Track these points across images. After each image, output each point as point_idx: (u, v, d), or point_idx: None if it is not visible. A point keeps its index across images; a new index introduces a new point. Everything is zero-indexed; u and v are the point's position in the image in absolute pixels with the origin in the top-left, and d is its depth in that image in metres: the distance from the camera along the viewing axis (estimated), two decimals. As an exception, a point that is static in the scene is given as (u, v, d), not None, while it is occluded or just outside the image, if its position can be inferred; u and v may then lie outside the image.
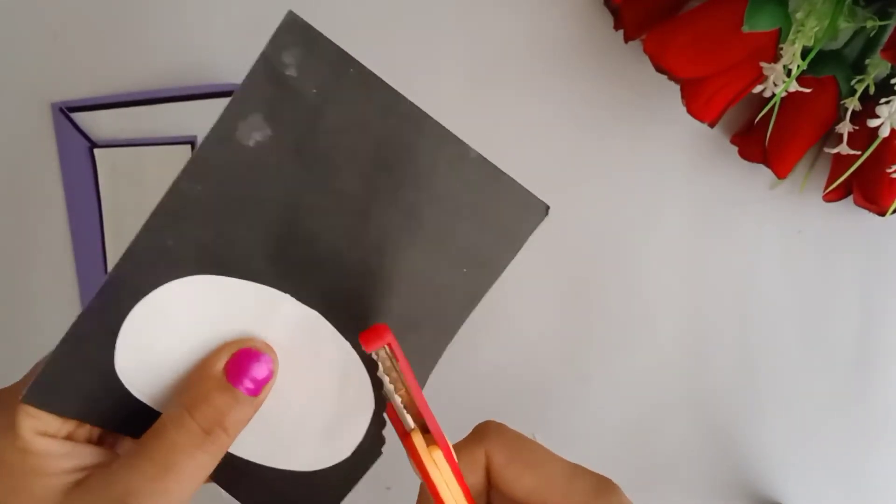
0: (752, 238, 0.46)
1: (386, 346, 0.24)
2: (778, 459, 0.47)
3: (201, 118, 0.48)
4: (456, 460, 0.26)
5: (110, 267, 0.51)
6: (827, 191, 0.42)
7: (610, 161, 0.46)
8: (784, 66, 0.37)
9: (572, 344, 0.48)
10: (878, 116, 0.35)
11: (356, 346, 0.26)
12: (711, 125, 0.41)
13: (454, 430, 0.28)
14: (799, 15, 0.37)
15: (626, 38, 0.43)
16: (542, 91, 0.46)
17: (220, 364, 0.24)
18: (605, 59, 0.45)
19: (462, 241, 0.26)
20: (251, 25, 0.48)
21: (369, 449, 0.28)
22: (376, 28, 0.47)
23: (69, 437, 0.25)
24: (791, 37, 0.37)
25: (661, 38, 0.39)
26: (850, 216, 0.44)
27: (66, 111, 0.50)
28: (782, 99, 0.38)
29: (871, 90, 0.39)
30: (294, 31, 0.23)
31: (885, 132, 0.36)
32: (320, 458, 0.28)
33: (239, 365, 0.24)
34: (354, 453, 0.28)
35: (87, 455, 0.25)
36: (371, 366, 0.26)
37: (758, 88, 0.39)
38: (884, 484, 0.46)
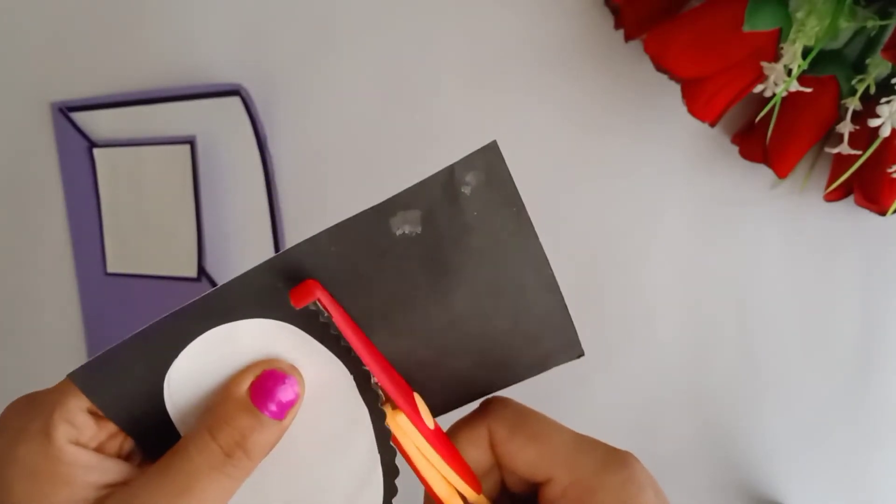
0: (752, 238, 0.46)
1: (317, 302, 0.23)
2: (778, 459, 0.47)
3: (201, 118, 0.48)
4: (430, 425, 0.25)
5: (109, 267, 0.51)
6: (827, 190, 0.42)
7: (610, 161, 0.46)
8: (784, 66, 0.37)
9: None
10: (878, 116, 0.35)
11: (373, 412, 0.26)
12: (712, 125, 0.41)
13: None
14: (799, 14, 0.37)
15: (627, 38, 0.43)
16: (542, 90, 0.46)
17: (245, 385, 0.24)
18: (605, 59, 0.45)
19: (501, 350, 0.27)
20: (251, 26, 0.48)
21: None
22: (376, 28, 0.47)
23: (99, 449, 0.24)
24: (792, 36, 0.37)
25: (662, 38, 0.39)
26: (851, 216, 0.44)
27: (65, 111, 0.50)
28: (783, 99, 0.38)
29: (872, 90, 0.39)
30: (488, 159, 0.24)
31: (885, 132, 0.36)
32: None
33: (263, 386, 0.24)
34: None
35: (113, 471, 0.24)
36: (379, 423, 0.26)
37: (758, 88, 0.39)
38: (884, 484, 0.46)
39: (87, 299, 0.52)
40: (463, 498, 0.26)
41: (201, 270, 0.49)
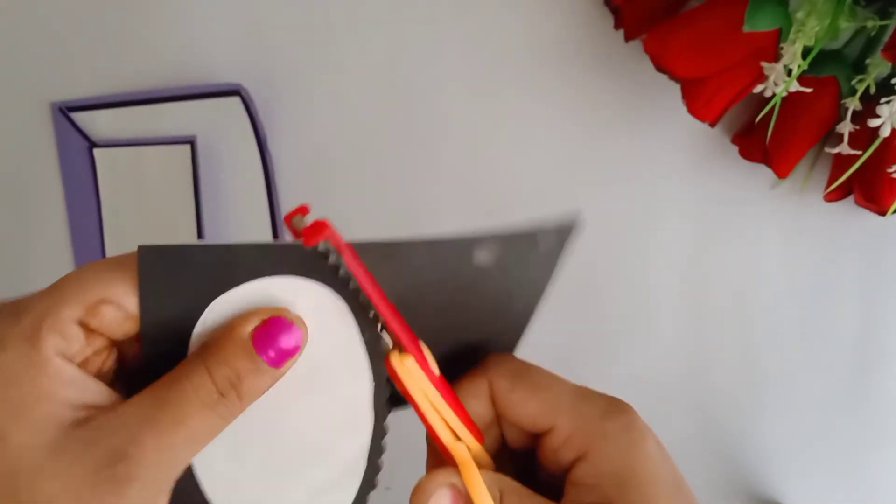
0: (752, 238, 0.46)
1: (328, 242, 0.23)
2: (778, 459, 0.47)
3: (201, 118, 0.48)
4: (436, 372, 0.25)
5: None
6: (828, 191, 0.42)
7: (610, 161, 0.46)
8: (784, 66, 0.37)
9: (571, 344, 0.48)
10: (878, 116, 0.35)
11: (377, 378, 0.26)
12: (712, 125, 0.41)
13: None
14: (799, 14, 0.37)
15: (627, 38, 0.43)
16: (542, 91, 0.46)
17: (249, 328, 0.23)
18: (605, 59, 0.45)
19: (468, 337, 0.28)
20: (251, 26, 0.48)
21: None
22: (376, 28, 0.47)
23: (82, 365, 0.23)
24: (791, 36, 0.37)
25: (662, 38, 0.39)
26: (851, 216, 0.44)
27: (65, 111, 0.50)
28: (783, 99, 0.38)
29: (872, 90, 0.39)
30: (571, 228, 0.27)
31: (885, 132, 0.36)
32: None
33: (267, 332, 0.23)
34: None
35: (93, 391, 0.23)
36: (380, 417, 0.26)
37: (758, 88, 0.39)
38: (884, 484, 0.46)
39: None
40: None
41: (201, 270, 0.49)
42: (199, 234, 0.49)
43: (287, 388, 0.25)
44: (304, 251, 0.24)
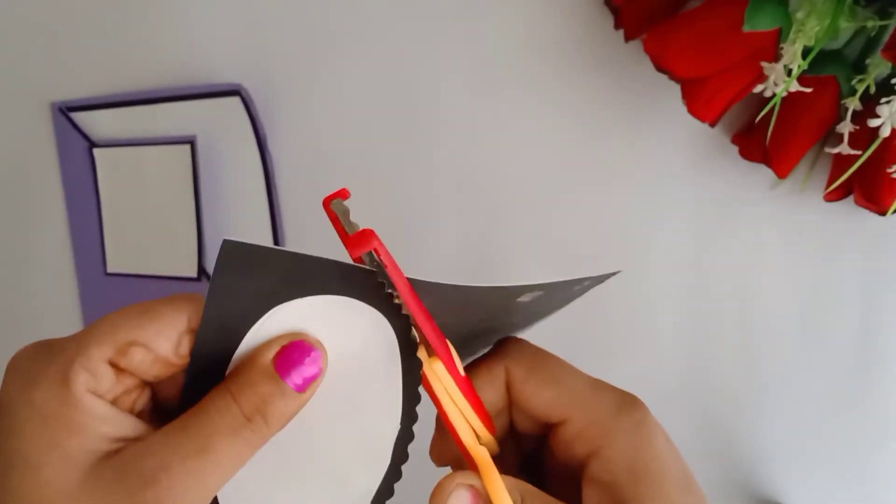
0: (752, 238, 0.46)
1: (373, 252, 0.23)
2: (778, 459, 0.47)
3: (201, 118, 0.48)
4: (462, 373, 0.26)
5: (109, 267, 0.51)
6: (827, 191, 0.42)
7: (610, 161, 0.46)
8: (784, 66, 0.37)
9: (571, 343, 0.48)
10: (878, 116, 0.35)
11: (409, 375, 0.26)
12: (712, 125, 0.41)
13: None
14: (799, 14, 0.37)
15: (627, 38, 0.43)
16: (542, 91, 0.46)
17: (270, 354, 0.24)
18: (605, 59, 0.45)
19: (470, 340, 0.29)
20: (251, 26, 0.48)
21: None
22: (376, 29, 0.47)
23: (114, 402, 0.24)
24: (792, 36, 0.37)
25: (662, 38, 0.39)
26: (851, 216, 0.44)
27: (65, 111, 0.50)
28: (783, 99, 0.38)
29: (872, 90, 0.39)
30: (606, 279, 0.29)
31: (885, 132, 0.36)
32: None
33: (289, 357, 0.24)
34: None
35: (127, 425, 0.24)
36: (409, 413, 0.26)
37: (758, 88, 0.39)
38: (885, 484, 0.46)
39: (87, 299, 0.52)
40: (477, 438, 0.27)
41: (201, 270, 0.49)
42: (199, 234, 0.49)
43: (315, 413, 0.25)
44: (367, 276, 0.24)
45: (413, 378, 0.26)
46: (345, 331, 0.25)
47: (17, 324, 0.53)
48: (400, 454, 0.26)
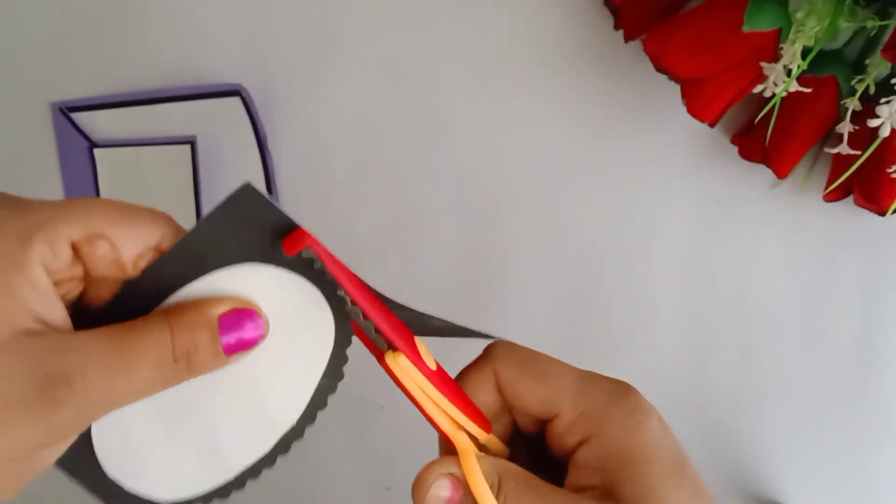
0: (752, 238, 0.46)
1: (309, 250, 0.23)
2: (778, 459, 0.47)
3: (201, 118, 0.48)
4: (433, 366, 0.26)
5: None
6: (827, 191, 0.42)
7: (609, 161, 0.46)
8: (784, 66, 0.37)
9: (572, 344, 0.48)
10: (878, 116, 0.35)
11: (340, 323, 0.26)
12: (712, 125, 0.41)
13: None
14: (799, 15, 0.37)
15: (627, 38, 0.43)
16: (542, 91, 0.46)
17: (220, 310, 0.24)
18: (605, 59, 0.45)
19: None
20: (251, 26, 0.48)
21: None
22: (376, 29, 0.47)
23: (56, 285, 0.23)
24: (791, 36, 0.37)
25: (662, 38, 0.39)
26: (851, 216, 0.44)
27: (66, 111, 0.50)
28: (782, 99, 0.38)
29: (872, 90, 0.39)
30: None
31: (885, 132, 0.36)
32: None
33: (234, 320, 0.24)
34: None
35: (57, 313, 0.23)
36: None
37: (758, 88, 0.39)
38: (884, 484, 0.46)
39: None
40: (474, 438, 0.27)
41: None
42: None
43: (225, 379, 0.25)
44: (320, 276, 0.24)
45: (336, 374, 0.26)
46: (297, 319, 0.25)
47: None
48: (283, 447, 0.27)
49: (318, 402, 0.27)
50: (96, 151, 0.50)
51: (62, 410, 0.22)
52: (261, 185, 0.49)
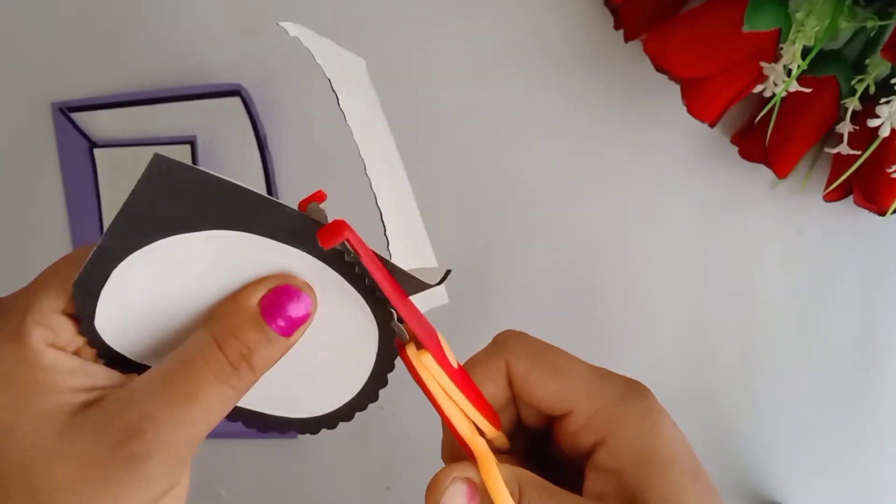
0: (752, 238, 0.46)
1: (345, 243, 0.22)
2: (778, 459, 0.47)
3: (201, 118, 0.48)
4: (455, 365, 0.25)
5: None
6: (827, 191, 0.42)
7: (610, 161, 0.46)
8: (784, 66, 0.37)
9: (571, 344, 0.48)
10: (878, 116, 0.35)
11: (368, 299, 0.25)
12: (712, 125, 0.41)
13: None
14: (799, 15, 0.37)
15: (626, 38, 0.43)
16: (542, 91, 0.46)
17: (256, 298, 0.23)
18: (605, 59, 0.45)
19: None
20: (251, 26, 0.48)
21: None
22: (376, 30, 0.47)
23: (79, 353, 0.23)
24: (791, 36, 0.37)
25: (662, 38, 0.39)
26: (850, 216, 0.44)
27: (66, 111, 0.50)
28: (782, 99, 0.38)
29: (872, 90, 0.39)
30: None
31: (885, 132, 0.36)
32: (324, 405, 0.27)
33: (275, 302, 0.23)
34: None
35: (98, 375, 0.23)
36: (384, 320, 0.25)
37: (758, 88, 0.39)
38: (884, 484, 0.46)
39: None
40: (481, 433, 0.26)
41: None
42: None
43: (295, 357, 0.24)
44: (346, 268, 0.23)
45: (386, 364, 0.25)
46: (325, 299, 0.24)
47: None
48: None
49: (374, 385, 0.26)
50: (96, 151, 0.50)
51: (147, 462, 0.22)
52: (261, 185, 0.49)
